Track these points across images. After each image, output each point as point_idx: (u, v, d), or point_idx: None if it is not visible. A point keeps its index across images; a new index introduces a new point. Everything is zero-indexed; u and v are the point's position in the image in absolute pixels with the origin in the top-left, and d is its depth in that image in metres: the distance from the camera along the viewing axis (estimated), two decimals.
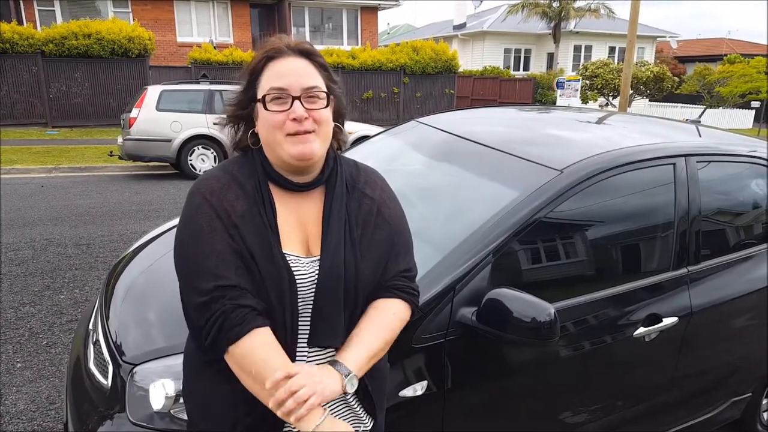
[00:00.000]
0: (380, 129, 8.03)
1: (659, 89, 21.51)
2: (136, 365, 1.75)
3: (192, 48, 16.73)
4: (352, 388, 1.17)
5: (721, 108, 23.67)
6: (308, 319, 1.21)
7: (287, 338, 1.18)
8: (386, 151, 2.81)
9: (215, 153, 9.57)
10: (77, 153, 11.11)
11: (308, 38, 21.44)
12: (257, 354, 1.12)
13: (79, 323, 2.58)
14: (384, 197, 1.35)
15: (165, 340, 1.80)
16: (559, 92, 17.01)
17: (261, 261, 1.15)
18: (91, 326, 2.25)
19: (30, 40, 13.86)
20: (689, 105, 24.44)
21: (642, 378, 2.22)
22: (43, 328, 3.80)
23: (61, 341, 3.63)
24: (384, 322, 1.26)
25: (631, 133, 2.56)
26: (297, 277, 1.18)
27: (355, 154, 2.84)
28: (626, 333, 2.05)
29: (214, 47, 17.07)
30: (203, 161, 9.55)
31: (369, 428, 1.35)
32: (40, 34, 14.12)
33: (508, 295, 1.63)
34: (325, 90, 1.21)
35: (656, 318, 2.10)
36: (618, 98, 17.00)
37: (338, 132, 1.30)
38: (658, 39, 29.61)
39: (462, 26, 30.02)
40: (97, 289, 4.38)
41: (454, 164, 2.35)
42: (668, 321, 2.12)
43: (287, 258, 1.18)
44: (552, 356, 1.93)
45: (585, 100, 21.20)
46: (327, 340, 1.21)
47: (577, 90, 16.86)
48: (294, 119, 1.15)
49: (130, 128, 9.07)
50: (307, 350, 1.23)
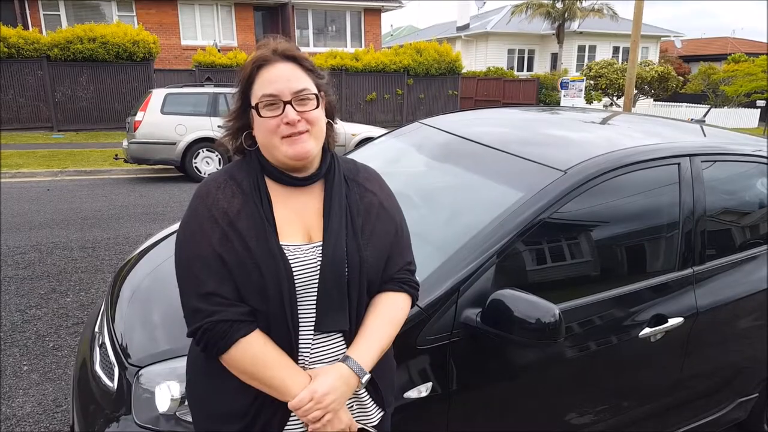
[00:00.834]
0: (384, 131, 8.04)
1: (664, 89, 21.45)
2: (142, 368, 1.76)
3: (196, 51, 16.79)
4: (366, 383, 1.25)
5: (726, 107, 23.58)
6: (312, 306, 1.24)
7: (289, 326, 1.21)
8: (390, 153, 2.81)
9: (220, 156, 9.60)
10: (83, 156, 11.16)
11: (311, 40, 21.49)
12: (248, 361, 1.19)
13: (85, 326, 2.59)
14: (385, 192, 1.41)
15: (170, 343, 1.81)
16: (563, 93, 16.97)
17: (257, 252, 1.18)
18: (97, 329, 2.26)
19: (35, 45, 13.95)
20: (694, 104, 24.36)
21: (648, 379, 2.22)
22: (50, 331, 3.82)
23: (68, 344, 3.65)
24: (392, 317, 1.31)
25: (636, 133, 2.56)
26: (298, 264, 1.22)
27: (359, 156, 2.84)
28: (632, 333, 2.05)
29: (218, 50, 17.12)
30: (208, 164, 9.58)
31: (376, 421, 1.36)
32: (46, 39, 14.20)
33: (513, 296, 1.63)
34: (315, 92, 1.25)
35: (662, 318, 2.09)
36: (622, 98, 16.95)
37: (329, 128, 1.35)
38: (663, 38, 29.54)
39: (465, 27, 30.02)
40: (103, 292, 4.40)
41: (458, 165, 2.35)
42: (674, 321, 2.11)
43: (286, 247, 1.22)
44: (557, 357, 1.92)
45: (589, 101, 21.16)
46: (333, 325, 1.24)
47: (581, 90, 16.81)
48: (287, 123, 1.21)
49: (135, 131, 9.10)
50: (312, 337, 1.25)
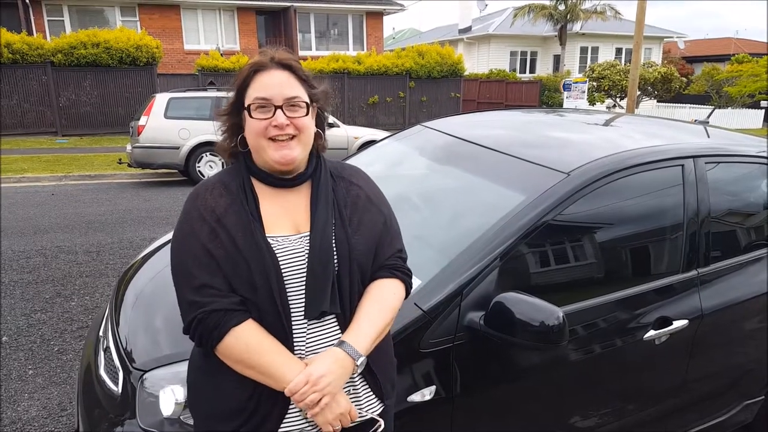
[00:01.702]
0: (386, 134, 8.05)
1: (667, 90, 21.41)
2: (146, 371, 1.76)
3: (199, 55, 16.85)
4: (361, 367, 1.27)
5: (730, 108, 23.51)
6: (303, 294, 1.26)
7: (281, 315, 1.23)
8: (392, 156, 2.82)
9: (223, 159, 9.60)
10: (87, 161, 11.21)
11: (314, 44, 21.54)
12: (242, 348, 1.21)
13: (90, 330, 2.60)
14: (371, 186, 1.46)
15: (175, 347, 1.81)
16: (566, 94, 16.94)
17: (244, 246, 1.22)
18: (102, 333, 2.27)
19: (39, 51, 14.03)
20: (698, 105, 24.29)
21: (652, 381, 2.21)
22: (55, 335, 3.83)
23: (72, 348, 3.66)
24: (386, 302, 1.34)
25: (639, 135, 2.55)
26: (286, 254, 1.26)
27: (361, 159, 2.85)
28: (636, 336, 2.04)
29: (221, 54, 17.19)
30: (211, 168, 9.60)
31: (378, 412, 1.36)
32: (50, 45, 14.28)
33: (516, 299, 1.63)
34: (306, 100, 1.30)
35: (666, 321, 2.09)
36: (625, 99, 16.93)
37: (318, 137, 1.39)
38: (666, 39, 29.49)
39: (467, 30, 30.04)
40: (108, 296, 4.41)
41: (461, 168, 2.35)
42: (678, 324, 2.10)
43: (273, 239, 1.26)
44: (561, 360, 1.92)
45: (592, 102, 21.13)
46: (322, 307, 1.26)
47: (584, 92, 16.78)
48: (276, 126, 1.26)
49: (139, 136, 9.13)
50: (306, 324, 1.27)
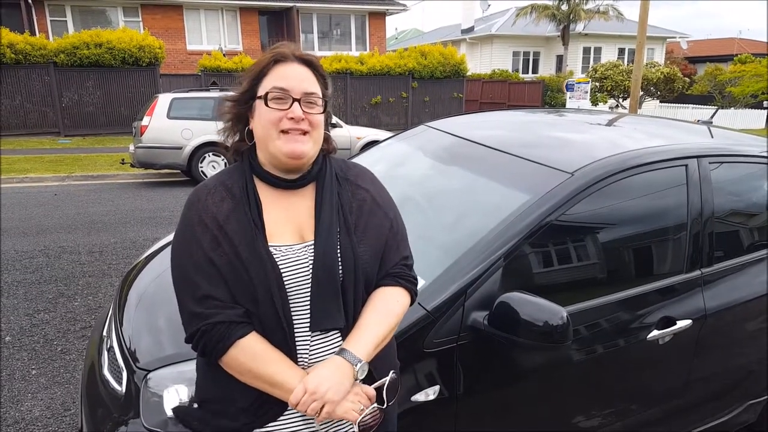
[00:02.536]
0: (389, 134, 8.05)
1: (670, 90, 21.37)
2: (150, 371, 1.76)
3: (202, 56, 16.89)
4: (363, 374, 1.23)
5: (733, 108, 23.45)
6: (308, 305, 1.24)
7: (283, 327, 1.21)
8: (396, 156, 2.82)
9: (226, 160, 9.62)
10: (89, 161, 11.23)
11: (316, 44, 21.56)
12: (248, 359, 1.20)
13: (93, 330, 2.60)
14: (377, 188, 1.41)
15: (178, 346, 1.80)
16: (569, 94, 16.92)
17: (246, 256, 1.20)
18: (105, 333, 2.27)
19: (42, 51, 14.06)
20: (700, 106, 24.24)
21: (656, 381, 2.20)
22: (58, 335, 3.83)
23: (76, 348, 3.66)
24: (388, 309, 1.31)
25: (642, 135, 2.55)
26: (290, 265, 1.23)
27: (365, 159, 2.84)
28: (639, 336, 2.04)
29: (224, 55, 17.21)
30: (214, 168, 9.61)
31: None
32: (53, 45, 14.32)
33: (520, 299, 1.62)
34: (321, 98, 1.28)
35: (670, 321, 2.08)
36: (628, 100, 16.90)
37: (326, 140, 1.36)
38: (668, 40, 29.44)
39: (470, 30, 30.03)
40: (111, 296, 4.42)
41: (464, 168, 2.34)
42: (682, 324, 2.10)
43: (276, 248, 1.23)
44: (564, 360, 1.92)
45: (595, 102, 21.11)
46: (327, 323, 1.25)
47: (587, 92, 16.77)
48: (291, 118, 1.22)
49: (142, 136, 9.15)
50: (310, 336, 1.25)
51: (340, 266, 1.25)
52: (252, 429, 1.25)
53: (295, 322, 1.24)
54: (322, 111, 1.28)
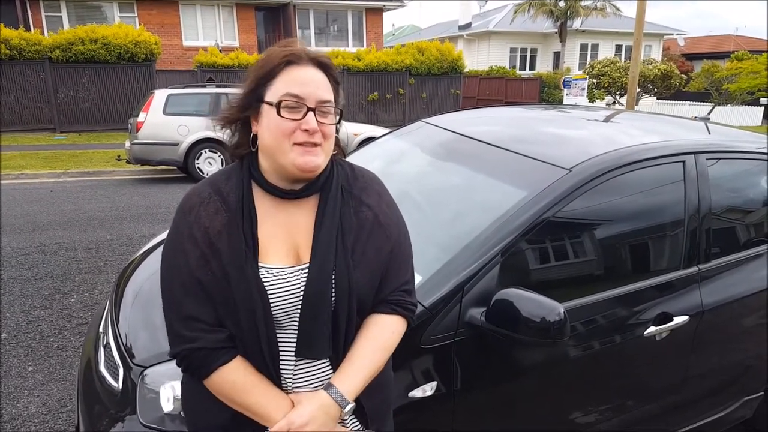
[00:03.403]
0: (386, 130, 8.04)
1: (667, 87, 21.42)
2: (147, 368, 1.76)
3: (198, 52, 16.82)
4: (349, 415, 1.21)
5: (730, 105, 23.50)
6: (295, 330, 1.18)
7: (265, 355, 1.16)
8: (392, 152, 2.81)
9: (222, 156, 9.61)
10: (85, 158, 11.19)
11: (313, 40, 21.51)
12: (227, 387, 1.16)
13: (90, 326, 2.60)
14: (382, 205, 1.30)
15: None
16: (566, 91, 16.95)
17: (233, 277, 1.13)
18: (102, 329, 2.26)
19: (37, 47, 13.99)
20: (697, 102, 24.31)
21: (653, 377, 2.21)
22: (54, 332, 3.82)
23: (72, 344, 3.65)
24: (383, 341, 1.24)
25: (640, 131, 2.55)
26: (280, 289, 1.16)
27: (361, 156, 2.84)
28: (636, 332, 2.04)
29: (220, 50, 17.15)
30: (210, 164, 9.59)
31: None
32: (48, 40, 14.25)
33: (517, 295, 1.62)
34: (336, 105, 1.19)
35: (667, 317, 2.08)
36: (625, 96, 16.92)
37: (336, 143, 1.28)
38: (665, 36, 29.49)
39: (467, 26, 30.00)
40: (107, 293, 4.41)
41: (461, 164, 2.34)
42: (679, 320, 2.10)
43: (268, 271, 1.16)
44: (562, 356, 1.92)
45: (592, 99, 21.13)
46: (314, 352, 1.18)
47: (584, 89, 16.80)
48: (305, 130, 1.13)
49: (138, 132, 9.12)
50: (294, 361, 1.20)
51: (333, 293, 1.17)
52: None
53: (282, 346, 1.18)
54: (336, 121, 1.19)
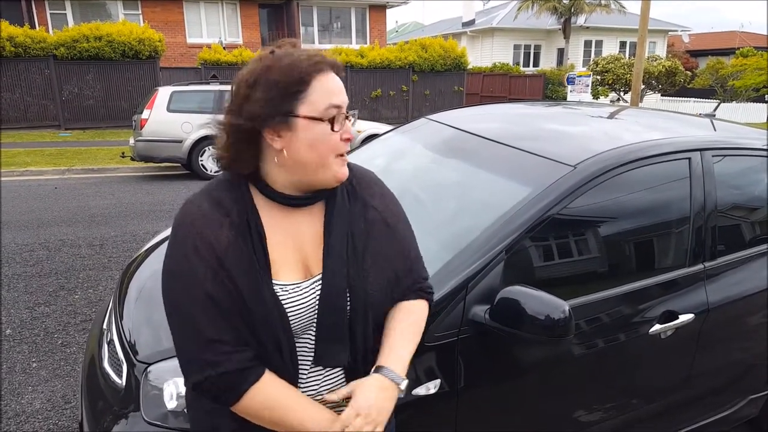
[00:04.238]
0: (389, 127, 8.02)
1: (671, 84, 21.31)
2: (150, 364, 1.76)
3: (202, 49, 16.83)
4: (404, 392, 1.20)
5: (735, 102, 23.37)
6: (311, 340, 1.18)
7: (288, 368, 1.15)
8: (396, 149, 2.80)
9: None
10: (90, 155, 11.21)
11: (317, 37, 21.51)
12: (259, 407, 1.10)
13: (94, 323, 2.60)
14: (388, 205, 1.30)
15: None
16: (570, 88, 16.86)
17: (249, 297, 1.08)
18: (105, 326, 2.27)
19: (42, 44, 14.02)
20: (702, 99, 24.18)
21: (657, 376, 2.20)
22: (58, 328, 3.83)
23: (76, 341, 3.66)
24: (413, 321, 1.28)
25: (645, 128, 2.53)
26: (296, 305, 1.13)
27: (365, 153, 2.83)
28: (641, 330, 2.03)
29: (224, 48, 17.15)
30: (214, 162, 9.57)
31: None
32: (52, 38, 14.28)
33: (522, 293, 1.61)
34: None
35: (672, 315, 2.07)
36: (629, 93, 16.85)
37: None
38: (670, 33, 29.35)
39: (471, 23, 29.93)
40: (111, 289, 4.42)
41: (465, 161, 2.33)
42: (684, 318, 2.09)
43: (282, 288, 1.13)
44: (566, 354, 1.91)
45: (596, 96, 21.06)
46: (332, 362, 1.19)
47: (588, 85, 16.70)
48: (347, 140, 1.11)
49: (142, 129, 9.13)
50: (308, 369, 1.19)
51: (349, 302, 1.16)
52: None
53: (299, 358, 1.17)
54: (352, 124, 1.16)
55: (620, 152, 2.01)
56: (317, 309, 1.15)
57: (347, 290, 1.16)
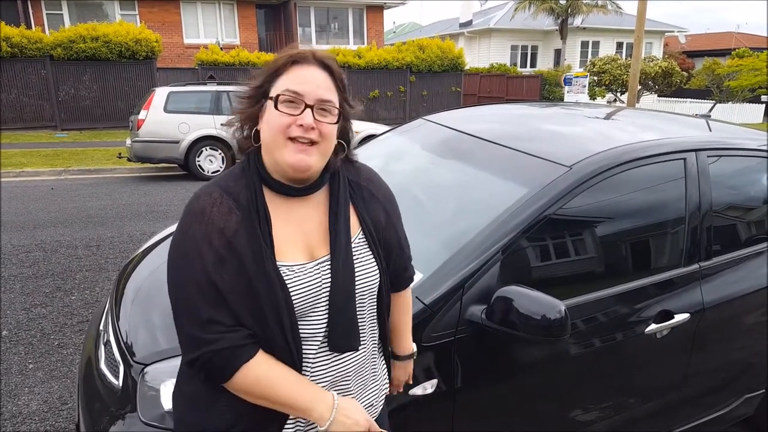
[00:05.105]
0: (387, 128, 8.03)
1: (668, 84, 21.36)
2: (147, 365, 1.76)
3: (199, 49, 16.80)
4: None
5: (731, 103, 23.44)
6: (316, 324, 1.19)
7: (291, 350, 1.16)
8: (393, 150, 2.81)
9: (223, 154, 9.61)
10: (86, 155, 11.19)
11: (314, 38, 21.48)
12: (252, 383, 1.14)
13: (90, 324, 2.59)
14: (385, 194, 1.39)
15: (175, 341, 1.78)
16: (567, 89, 16.89)
17: (255, 276, 1.12)
18: (102, 327, 2.26)
19: (38, 44, 13.99)
20: (698, 100, 24.26)
21: (654, 375, 2.21)
22: (55, 329, 3.83)
23: (73, 342, 3.66)
24: (407, 308, 1.49)
25: (640, 129, 2.54)
26: (300, 285, 1.17)
27: (363, 153, 2.83)
28: (637, 330, 2.04)
29: (221, 48, 17.13)
30: (211, 162, 9.59)
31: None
32: (49, 38, 14.24)
33: (518, 293, 1.62)
34: (338, 107, 1.19)
35: (668, 314, 2.08)
36: (626, 94, 16.89)
37: (339, 150, 1.27)
38: (666, 34, 29.43)
39: (468, 24, 29.96)
40: (108, 290, 4.41)
41: (462, 162, 2.34)
42: (680, 317, 2.10)
43: (288, 268, 1.16)
44: (562, 354, 1.91)
45: (593, 97, 21.09)
46: (349, 344, 1.22)
47: (585, 86, 16.73)
48: (301, 125, 1.13)
49: (139, 130, 9.12)
50: (313, 355, 1.20)
51: (357, 285, 1.23)
52: None
53: (303, 343, 1.19)
54: (336, 121, 1.18)
55: (616, 153, 2.02)
56: (324, 290, 1.19)
57: (355, 270, 1.23)
